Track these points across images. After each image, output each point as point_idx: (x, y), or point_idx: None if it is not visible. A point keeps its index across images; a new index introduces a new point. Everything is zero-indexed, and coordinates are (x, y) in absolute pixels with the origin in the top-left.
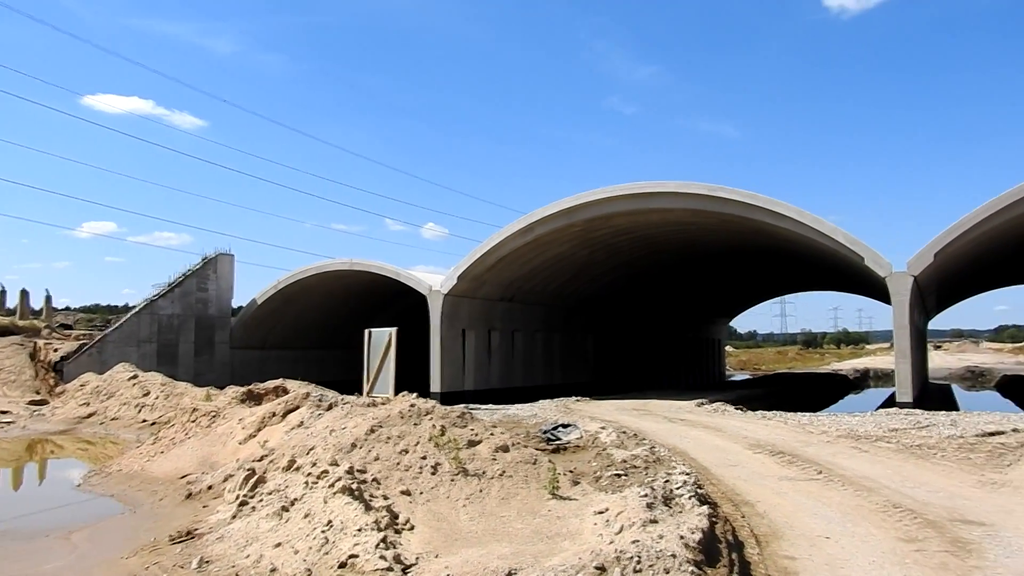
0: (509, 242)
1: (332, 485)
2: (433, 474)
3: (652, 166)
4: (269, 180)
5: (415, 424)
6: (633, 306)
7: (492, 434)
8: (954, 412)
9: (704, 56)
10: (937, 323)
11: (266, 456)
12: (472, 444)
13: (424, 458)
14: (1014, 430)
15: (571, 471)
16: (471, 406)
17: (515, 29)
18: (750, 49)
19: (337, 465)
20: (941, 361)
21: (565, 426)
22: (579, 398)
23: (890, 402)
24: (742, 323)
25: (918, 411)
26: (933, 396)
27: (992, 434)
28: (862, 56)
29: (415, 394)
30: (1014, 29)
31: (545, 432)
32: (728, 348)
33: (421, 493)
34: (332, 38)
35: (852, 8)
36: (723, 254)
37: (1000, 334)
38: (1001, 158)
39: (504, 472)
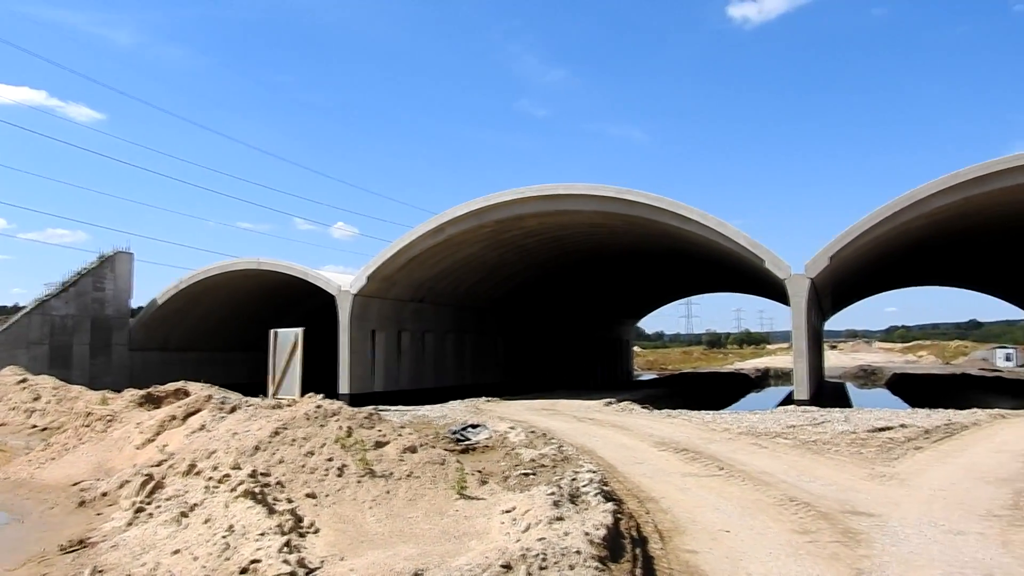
0: (420, 242)
1: (234, 489)
2: (339, 476)
3: (563, 168)
4: (171, 176)
5: (321, 426)
6: (543, 307)
7: (400, 435)
8: (847, 409)
9: (613, 62)
10: (833, 324)
11: (165, 461)
12: (380, 445)
13: (330, 460)
14: (902, 425)
15: (480, 471)
16: (380, 407)
17: (428, 28)
18: (657, 56)
19: (239, 468)
20: (836, 360)
21: (474, 426)
22: (489, 398)
23: (789, 400)
24: (649, 324)
25: (814, 408)
26: (829, 394)
27: (882, 429)
28: (763, 64)
29: (321, 395)
30: (904, 43)
31: (454, 432)
32: (636, 348)
33: (327, 496)
34: (239, 32)
35: (754, 19)
36: (631, 255)
37: (891, 334)
38: (893, 164)
39: (412, 473)
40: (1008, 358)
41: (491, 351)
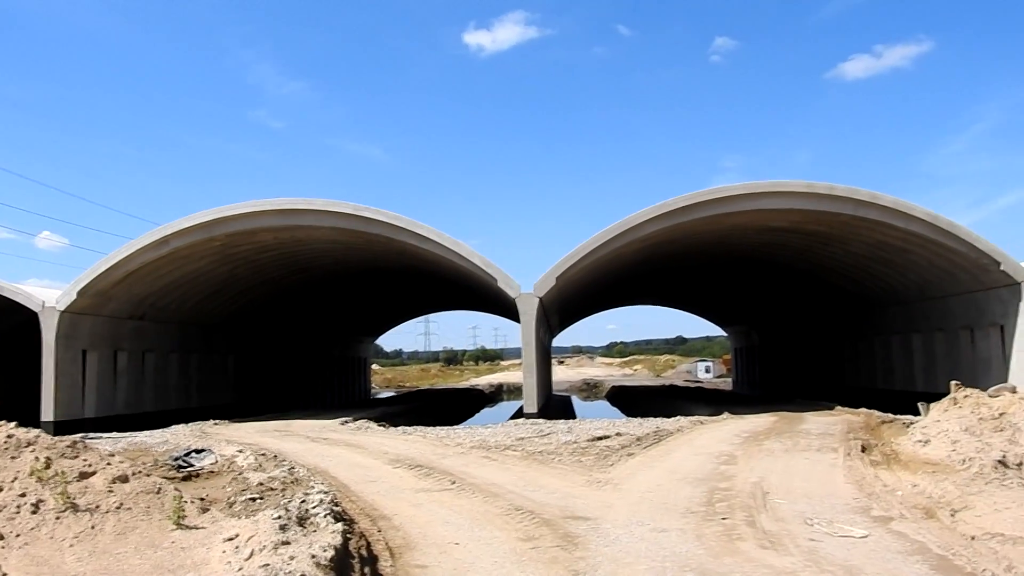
0: (141, 255)
1: None
2: (34, 513)
3: (301, 183)
4: None
5: (12, 457)
6: (278, 324)
7: (110, 464)
8: (571, 420)
9: (352, 78)
10: (560, 340)
11: None
12: (85, 476)
13: (23, 496)
14: (617, 434)
15: (202, 498)
16: (91, 435)
17: (154, 26)
18: (396, 76)
19: None
20: (563, 375)
21: (199, 451)
22: (218, 421)
23: (519, 413)
24: (388, 341)
25: (542, 420)
26: (556, 407)
27: (600, 438)
28: (497, 91)
29: (14, 423)
30: (620, 81)
31: (176, 459)
32: (375, 366)
33: (18, 536)
34: None
35: (489, 48)
36: (370, 273)
37: (611, 350)
38: (612, 190)
39: (122, 505)
40: (707, 370)
41: (221, 371)
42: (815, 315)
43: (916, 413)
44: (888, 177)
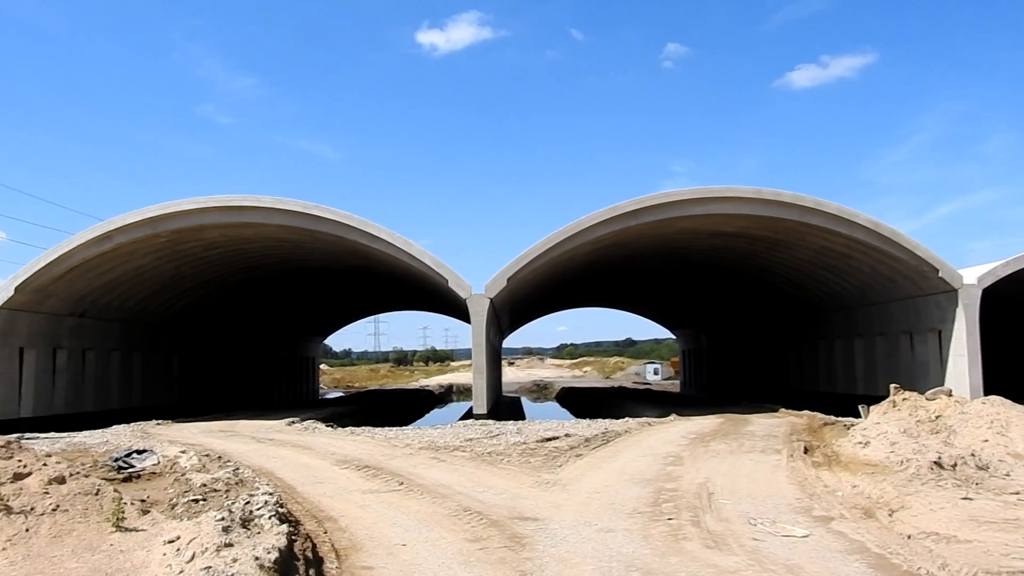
0: (82, 250)
1: None
2: None
3: (249, 180)
4: None
5: None
6: (225, 323)
7: (46, 464)
8: (521, 421)
9: (303, 75)
10: (510, 341)
11: None
12: (19, 477)
13: None
14: (566, 435)
15: (143, 500)
16: (28, 435)
17: (97, 19)
18: (348, 74)
19: None
20: (513, 376)
21: (140, 452)
22: (160, 421)
23: (469, 414)
24: (337, 341)
25: (491, 422)
26: (505, 407)
27: (549, 439)
28: (451, 91)
29: None
30: (573, 84)
31: (116, 460)
32: (323, 366)
33: None
34: None
35: (443, 47)
36: (319, 272)
37: (561, 351)
38: (563, 191)
39: (59, 507)
40: (656, 372)
41: (164, 370)
42: (761, 319)
43: (857, 415)
44: (832, 184)
